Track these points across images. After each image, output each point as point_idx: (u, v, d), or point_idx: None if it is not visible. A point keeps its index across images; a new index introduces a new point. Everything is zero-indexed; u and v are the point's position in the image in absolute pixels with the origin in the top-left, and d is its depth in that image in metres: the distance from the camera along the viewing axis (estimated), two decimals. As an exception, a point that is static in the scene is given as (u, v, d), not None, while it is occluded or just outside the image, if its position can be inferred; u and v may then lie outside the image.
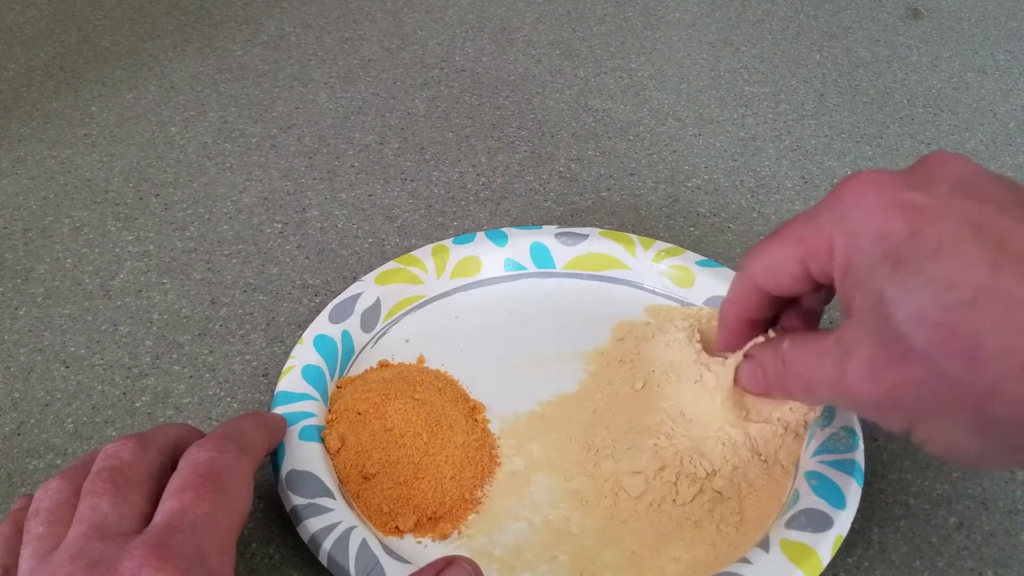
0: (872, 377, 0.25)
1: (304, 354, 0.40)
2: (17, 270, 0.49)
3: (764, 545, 0.32)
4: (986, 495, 0.38)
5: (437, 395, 0.39)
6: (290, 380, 0.39)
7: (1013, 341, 0.23)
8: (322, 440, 0.37)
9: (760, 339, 0.35)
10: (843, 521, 0.33)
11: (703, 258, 0.45)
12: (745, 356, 0.35)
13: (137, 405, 0.41)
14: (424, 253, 0.46)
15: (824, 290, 0.31)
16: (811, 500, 0.34)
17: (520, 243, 0.46)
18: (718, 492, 0.36)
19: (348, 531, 0.33)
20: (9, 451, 0.39)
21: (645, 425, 0.38)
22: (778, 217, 0.53)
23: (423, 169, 0.56)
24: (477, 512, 0.36)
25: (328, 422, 0.38)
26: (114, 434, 0.40)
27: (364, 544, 0.32)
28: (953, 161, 0.26)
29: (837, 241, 0.27)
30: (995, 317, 0.23)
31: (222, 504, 0.29)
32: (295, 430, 0.37)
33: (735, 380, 0.35)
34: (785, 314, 0.34)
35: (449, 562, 0.29)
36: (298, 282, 0.48)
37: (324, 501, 0.34)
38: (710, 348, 0.40)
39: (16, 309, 0.47)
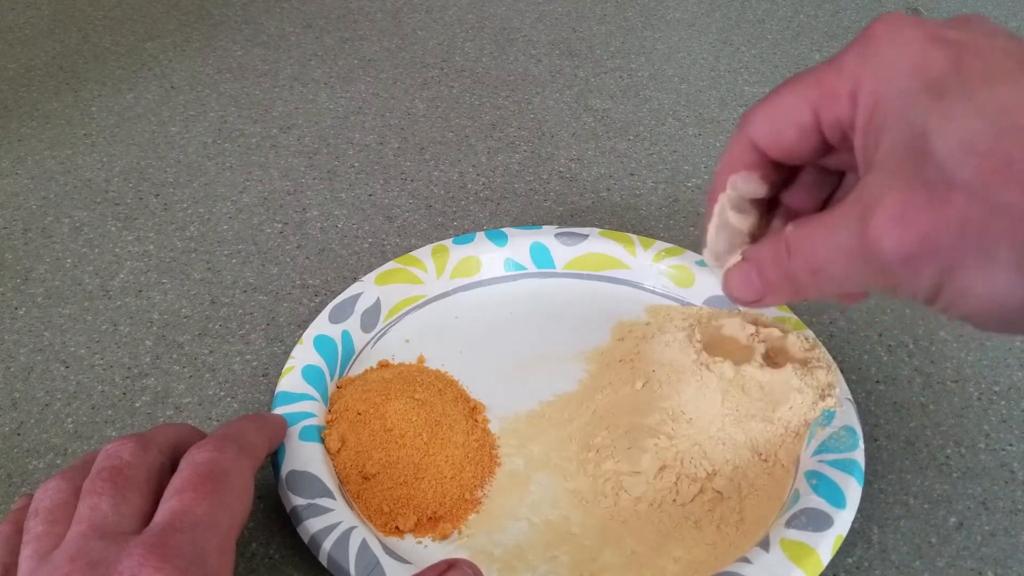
0: (904, 223, 0.22)
1: (304, 354, 0.40)
2: (17, 270, 0.49)
3: (764, 545, 0.32)
4: (986, 495, 0.38)
5: (437, 395, 0.39)
6: (290, 380, 0.39)
7: None
8: (322, 440, 0.37)
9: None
10: (843, 521, 0.33)
11: (703, 258, 0.45)
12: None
13: (137, 405, 0.41)
14: (424, 253, 0.46)
15: (823, 173, 0.28)
16: (811, 500, 0.34)
17: (520, 243, 0.46)
18: (718, 492, 0.36)
19: (348, 531, 0.33)
20: (9, 451, 0.39)
21: (645, 425, 0.38)
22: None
23: (423, 169, 0.56)
24: (477, 512, 0.36)
25: (328, 422, 0.38)
26: (114, 434, 0.40)
27: (364, 544, 0.32)
28: (981, 18, 0.25)
29: (865, 80, 0.24)
30: None
31: (222, 504, 0.29)
32: (295, 430, 0.37)
33: (723, 289, 0.31)
34: (788, 194, 0.30)
35: (450, 565, 0.29)
36: (298, 282, 0.48)
37: (324, 501, 0.34)
38: (711, 348, 0.40)
39: (16, 309, 0.47)
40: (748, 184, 0.28)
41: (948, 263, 0.22)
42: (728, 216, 0.29)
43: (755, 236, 0.30)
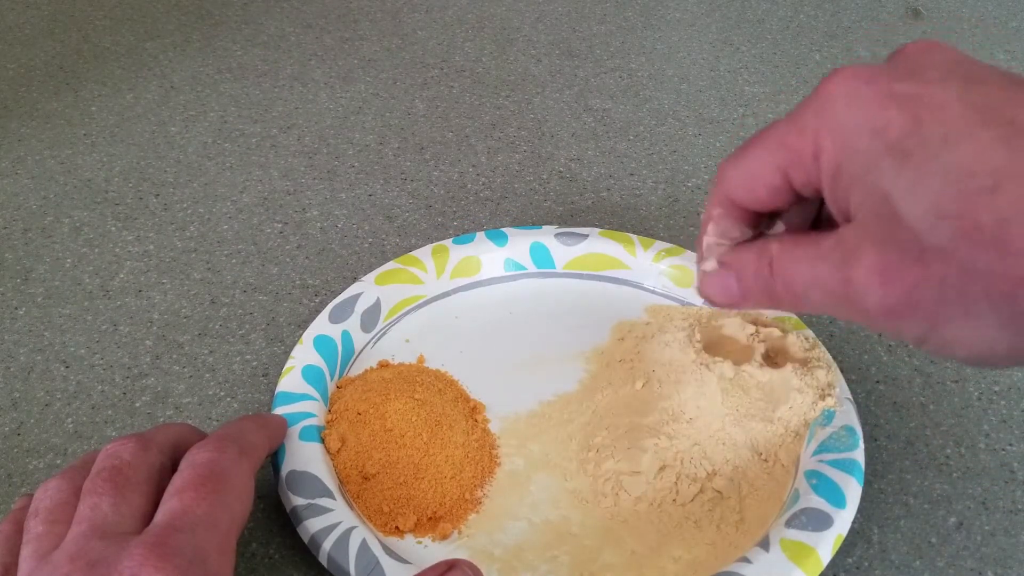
0: (885, 282, 0.23)
1: (304, 354, 0.40)
2: (17, 270, 0.49)
3: (764, 544, 0.32)
4: (986, 495, 0.38)
5: (437, 395, 0.39)
6: (290, 380, 0.39)
7: None
8: (322, 440, 0.37)
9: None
10: (843, 520, 0.33)
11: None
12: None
13: (137, 405, 0.41)
14: (424, 253, 0.46)
15: (806, 203, 0.29)
16: (811, 499, 0.34)
17: (520, 243, 0.46)
18: (718, 492, 0.36)
19: (348, 531, 0.33)
20: (9, 451, 0.39)
21: (645, 425, 0.38)
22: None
23: (423, 169, 0.56)
24: (477, 512, 0.36)
25: (328, 422, 0.38)
26: (114, 434, 0.40)
27: (364, 544, 0.32)
28: (934, 48, 0.24)
29: (824, 142, 0.24)
30: (1022, 200, 0.21)
31: (222, 505, 0.29)
32: (295, 430, 0.37)
33: (697, 290, 0.31)
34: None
35: (451, 566, 0.29)
36: (298, 282, 0.48)
37: (324, 501, 0.34)
38: (710, 348, 0.40)
39: (16, 309, 0.47)
40: (733, 231, 0.29)
41: (932, 318, 0.23)
42: (716, 250, 0.30)
43: None
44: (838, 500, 0.33)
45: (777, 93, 0.64)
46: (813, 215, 0.30)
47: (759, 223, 0.29)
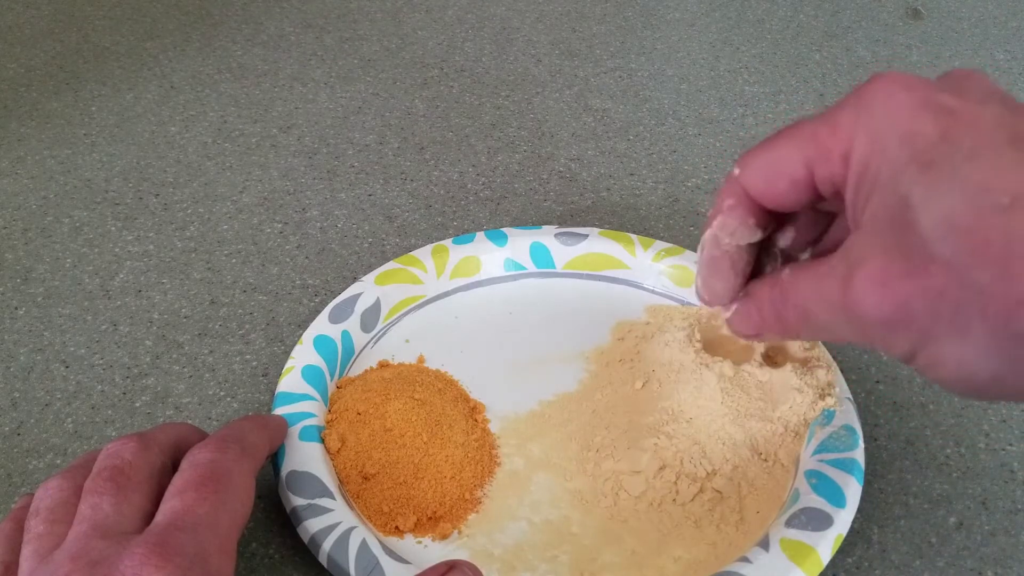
0: (883, 289, 0.23)
1: (304, 354, 0.40)
2: (17, 270, 0.49)
3: (764, 544, 0.32)
4: (986, 495, 0.38)
5: (437, 395, 0.39)
6: (290, 380, 0.39)
7: None
8: (322, 440, 0.37)
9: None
10: (843, 520, 0.33)
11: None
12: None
13: (137, 405, 0.41)
14: (424, 253, 0.46)
15: (815, 217, 0.29)
16: (811, 499, 0.34)
17: (520, 243, 0.46)
18: (718, 491, 0.36)
19: (348, 531, 0.33)
20: (9, 451, 0.39)
21: (645, 425, 0.38)
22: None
23: (423, 169, 0.56)
24: (477, 512, 0.36)
25: (328, 422, 0.38)
26: (114, 434, 0.40)
27: (364, 544, 0.32)
28: (979, 75, 0.25)
29: (857, 142, 0.24)
30: None
31: (223, 505, 0.29)
32: (295, 430, 0.37)
33: (727, 323, 0.31)
34: (780, 235, 0.31)
35: (451, 566, 0.29)
36: (298, 282, 0.48)
37: (324, 502, 0.34)
38: (710, 348, 0.40)
39: (16, 309, 0.47)
40: (742, 229, 0.29)
41: (923, 332, 0.23)
42: (719, 246, 0.30)
43: (747, 277, 0.31)
44: (838, 500, 0.34)
45: (777, 93, 0.64)
46: (821, 231, 0.30)
47: (768, 224, 0.29)
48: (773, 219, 0.29)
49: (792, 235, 0.30)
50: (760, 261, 0.31)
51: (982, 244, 0.21)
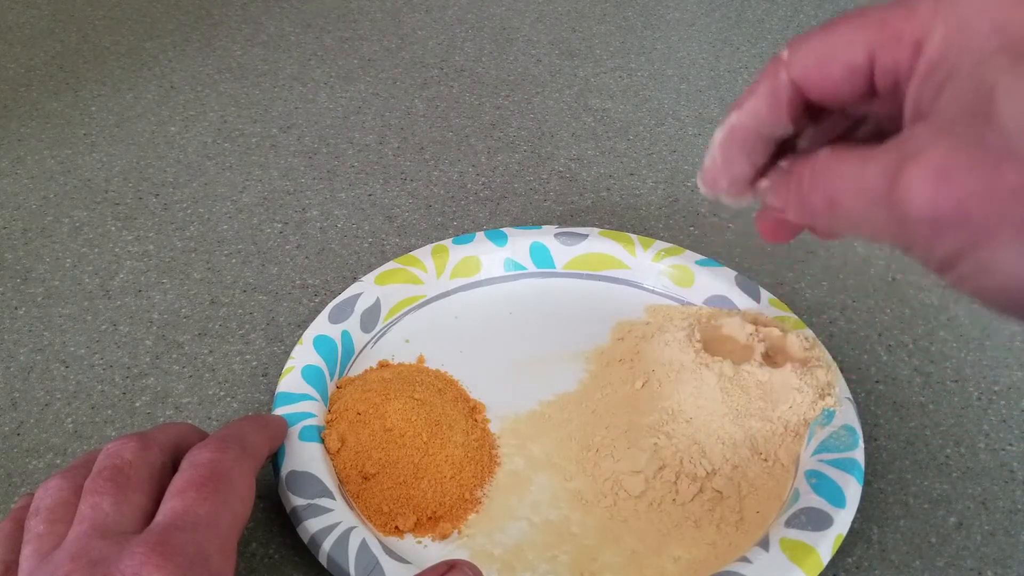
0: (943, 181, 0.20)
1: (304, 354, 0.40)
2: (17, 270, 0.49)
3: (764, 544, 0.32)
4: (986, 495, 0.38)
5: (437, 395, 0.39)
6: (290, 381, 0.39)
7: None
8: (322, 440, 0.37)
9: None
10: (843, 520, 0.33)
11: (703, 257, 0.45)
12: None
13: (137, 405, 0.41)
14: (424, 253, 0.46)
15: (844, 116, 0.26)
16: (811, 499, 0.34)
17: (520, 243, 0.46)
18: (718, 491, 0.36)
19: (348, 531, 0.33)
20: (9, 451, 0.39)
21: (645, 424, 0.38)
22: (778, 217, 0.52)
23: (423, 169, 0.56)
24: (477, 512, 0.36)
25: (328, 422, 0.38)
26: (114, 434, 0.40)
27: (364, 544, 0.32)
28: None
29: (936, 28, 0.22)
30: None
31: (224, 505, 0.29)
32: (295, 430, 0.37)
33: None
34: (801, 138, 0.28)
35: (451, 566, 0.29)
36: (298, 282, 0.48)
37: (324, 501, 0.34)
38: (710, 347, 0.40)
39: (16, 309, 0.47)
40: (772, 120, 0.26)
41: (977, 235, 0.20)
42: (740, 131, 0.26)
43: (758, 171, 0.27)
44: (838, 500, 0.34)
45: (777, 93, 0.64)
46: (841, 135, 0.27)
47: (802, 120, 0.26)
48: (808, 115, 0.26)
49: (812, 135, 0.27)
50: (775, 157, 0.27)
51: None
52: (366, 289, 0.43)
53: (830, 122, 0.27)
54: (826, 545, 0.32)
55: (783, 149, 0.27)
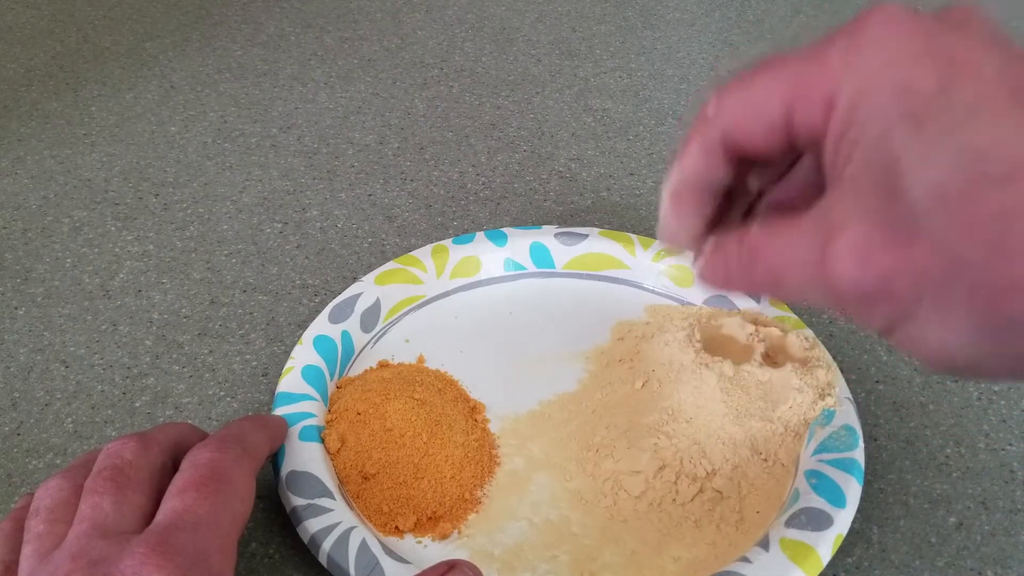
0: (863, 260, 0.21)
1: (304, 354, 0.40)
2: (17, 270, 0.49)
3: (764, 544, 0.32)
4: (986, 495, 0.38)
5: (437, 395, 0.39)
6: (290, 381, 0.39)
7: None
8: (322, 440, 0.37)
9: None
10: (843, 520, 0.33)
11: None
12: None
13: (137, 405, 0.41)
14: (424, 253, 0.46)
15: (782, 165, 0.26)
16: (811, 499, 0.34)
17: (520, 243, 0.46)
18: (718, 491, 0.36)
19: (348, 531, 0.33)
20: (9, 451, 0.39)
21: (645, 424, 0.38)
22: (778, 217, 0.52)
23: (423, 169, 0.56)
24: (477, 512, 0.36)
25: (328, 422, 0.38)
26: (114, 434, 0.40)
27: (364, 544, 0.32)
28: (980, 16, 0.22)
29: (845, 87, 0.22)
30: None
31: (224, 505, 0.29)
32: (295, 430, 0.37)
33: (695, 274, 0.28)
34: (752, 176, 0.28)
35: (451, 566, 0.29)
36: (298, 282, 0.48)
37: (324, 502, 0.34)
38: (710, 347, 0.40)
39: (16, 309, 0.47)
40: (711, 172, 0.26)
41: (903, 309, 0.21)
42: (685, 185, 0.27)
43: (713, 220, 0.28)
44: (838, 500, 0.34)
45: (777, 93, 0.64)
46: (790, 165, 0.27)
47: (740, 167, 0.26)
48: (746, 162, 0.26)
49: (761, 173, 0.28)
50: (728, 199, 0.28)
51: (975, 219, 0.19)
52: (366, 289, 0.43)
53: (776, 162, 0.27)
54: (826, 545, 0.32)
55: (737, 192, 0.28)
